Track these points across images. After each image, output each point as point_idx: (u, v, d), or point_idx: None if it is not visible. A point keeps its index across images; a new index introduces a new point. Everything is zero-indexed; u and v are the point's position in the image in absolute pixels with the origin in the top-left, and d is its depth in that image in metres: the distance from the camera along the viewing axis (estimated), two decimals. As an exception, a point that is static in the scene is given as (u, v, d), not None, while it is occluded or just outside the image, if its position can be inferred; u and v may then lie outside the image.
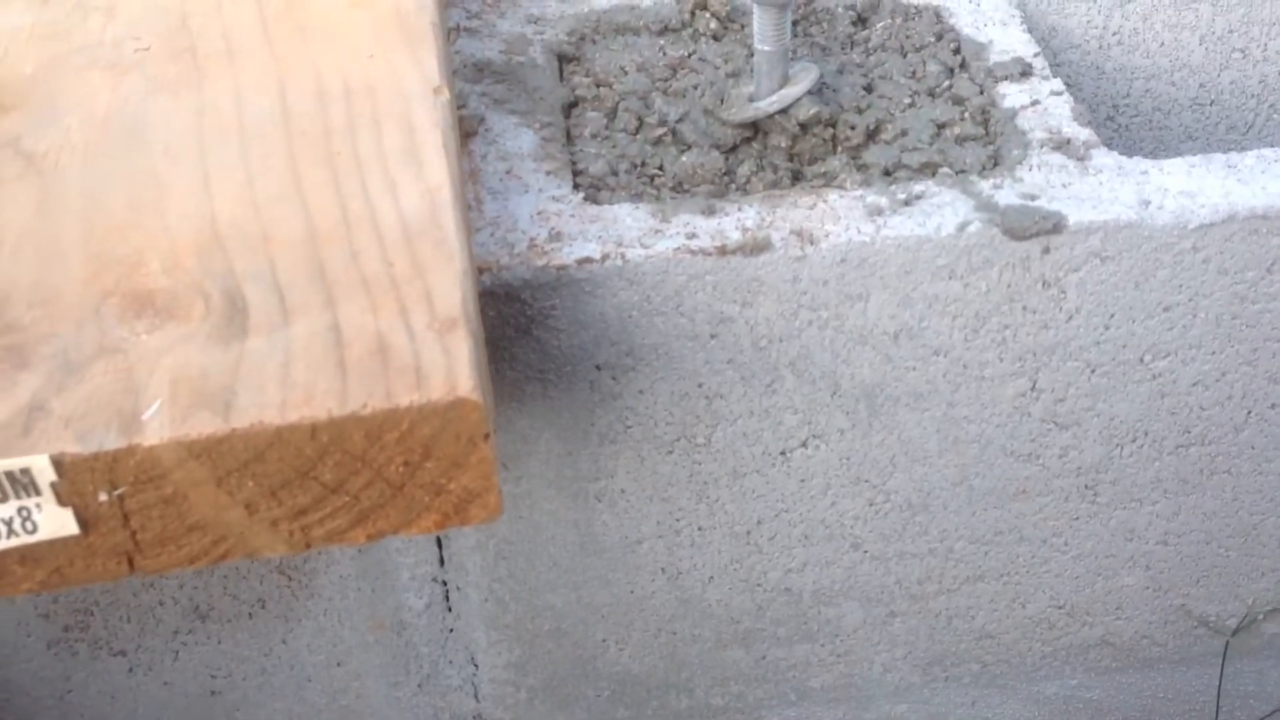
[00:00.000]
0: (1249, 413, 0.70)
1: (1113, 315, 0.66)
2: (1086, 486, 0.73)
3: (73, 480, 0.47)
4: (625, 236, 0.64)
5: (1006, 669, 0.80)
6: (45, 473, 0.46)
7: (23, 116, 0.62)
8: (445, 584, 0.73)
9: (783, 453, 0.69)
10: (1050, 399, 0.68)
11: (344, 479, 0.49)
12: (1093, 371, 0.68)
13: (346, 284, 0.53)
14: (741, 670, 0.78)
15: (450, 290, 0.52)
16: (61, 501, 0.47)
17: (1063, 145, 0.68)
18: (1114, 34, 0.81)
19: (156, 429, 0.47)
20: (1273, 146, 0.86)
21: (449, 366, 0.49)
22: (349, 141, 0.60)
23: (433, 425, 0.48)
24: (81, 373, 0.49)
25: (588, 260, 0.63)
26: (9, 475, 0.46)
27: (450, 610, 0.75)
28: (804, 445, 0.69)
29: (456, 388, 0.48)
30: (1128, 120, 0.85)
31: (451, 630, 0.75)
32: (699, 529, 0.72)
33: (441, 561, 0.73)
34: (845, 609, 0.77)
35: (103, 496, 0.47)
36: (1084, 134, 0.69)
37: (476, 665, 0.77)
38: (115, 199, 0.57)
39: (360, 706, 0.78)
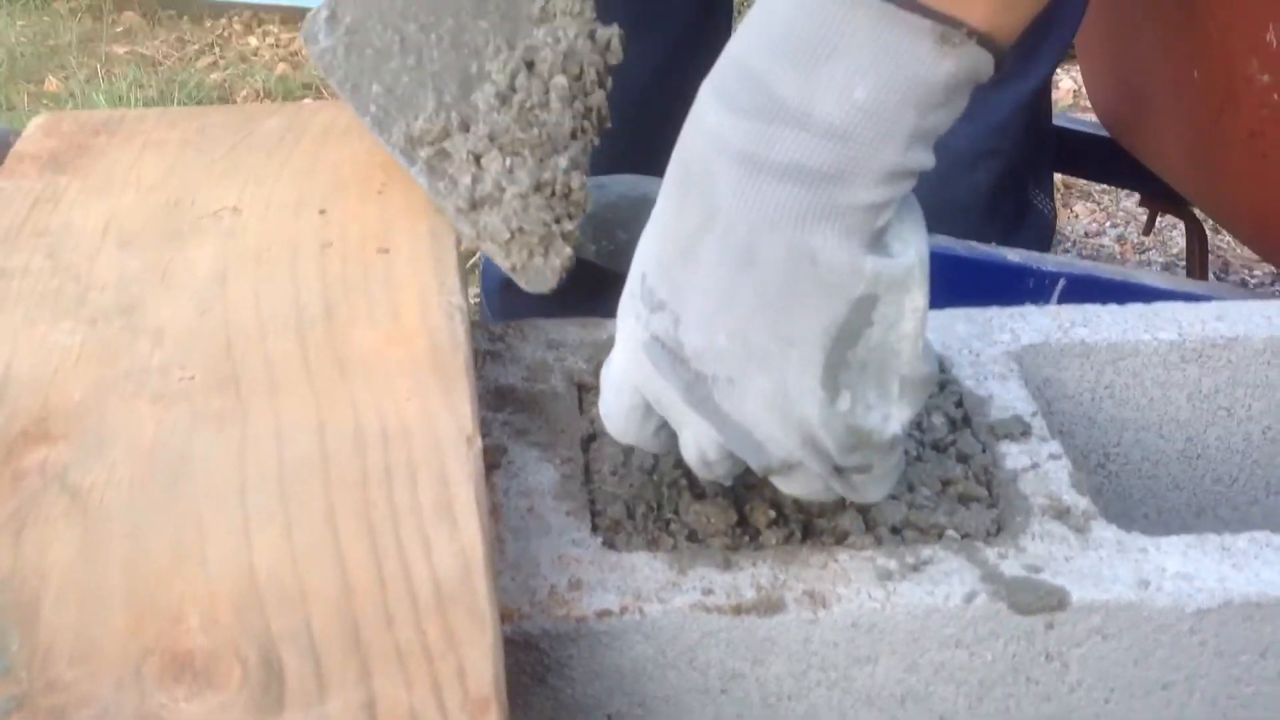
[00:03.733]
0: (1242, 788, 0.71)
1: (1113, 690, 0.68)
2: (1080, 846, 0.73)
3: None
4: (643, 589, 0.66)
5: None
6: None
7: (70, 447, 0.64)
8: None
9: (784, 804, 0.70)
10: (1049, 765, 0.70)
11: None
12: (1091, 741, 0.69)
13: (380, 653, 0.54)
14: None
15: (483, 666, 0.54)
16: None
17: (1063, 514, 0.71)
18: (1106, 388, 0.86)
19: (192, 810, 0.48)
20: (1256, 501, 0.90)
21: (482, 754, 0.50)
22: (385, 491, 0.62)
23: (463, 815, 0.49)
24: (119, 743, 0.50)
25: (607, 613, 0.65)
26: None
27: None
28: (806, 798, 0.70)
29: (489, 779, 0.49)
30: (1118, 468, 0.88)
31: None
32: None
33: None
34: None
35: None
36: (1083, 503, 0.72)
37: None
38: (158, 543, 0.59)
39: None
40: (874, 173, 0.57)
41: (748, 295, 0.59)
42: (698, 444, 0.65)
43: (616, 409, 0.67)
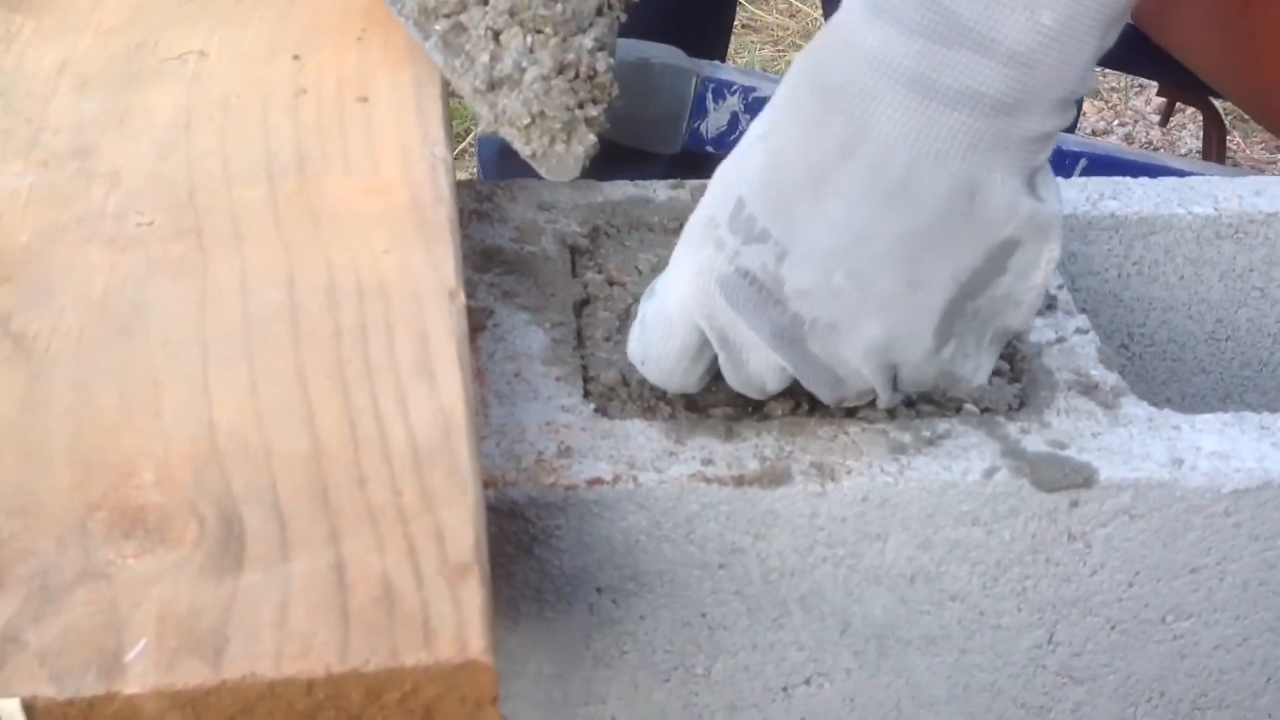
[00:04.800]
0: (1269, 679, 0.67)
1: (1138, 573, 0.63)
2: (1095, 740, 0.69)
3: (41, 729, 0.43)
4: (638, 457, 0.61)
5: None
6: (14, 717, 0.42)
7: (14, 291, 0.59)
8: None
9: (784, 689, 0.66)
10: (1067, 652, 0.66)
11: (336, 738, 0.45)
12: (1112, 628, 0.65)
13: (352, 514, 0.49)
14: None
15: (463, 529, 0.49)
16: (25, 750, 0.43)
17: (1090, 390, 0.66)
18: (1134, 264, 0.80)
19: (139, 674, 0.43)
20: (1286, 386, 0.85)
21: (459, 621, 0.46)
22: (359, 347, 0.57)
23: (438, 686, 0.45)
24: (61, 601, 0.45)
25: (598, 481, 0.60)
26: (-28, 721, 0.42)
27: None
28: (807, 683, 0.66)
29: (467, 648, 0.45)
30: (1142, 349, 0.83)
31: None
32: (688, 761, 0.68)
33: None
34: None
35: (71, 746, 0.43)
36: (1111, 379, 0.67)
37: None
38: (108, 395, 0.54)
39: None
40: (1050, 101, 0.52)
41: (888, 232, 0.54)
42: (761, 378, 0.59)
43: (666, 349, 0.60)
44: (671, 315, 0.60)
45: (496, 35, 0.72)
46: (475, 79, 0.72)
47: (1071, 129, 1.39)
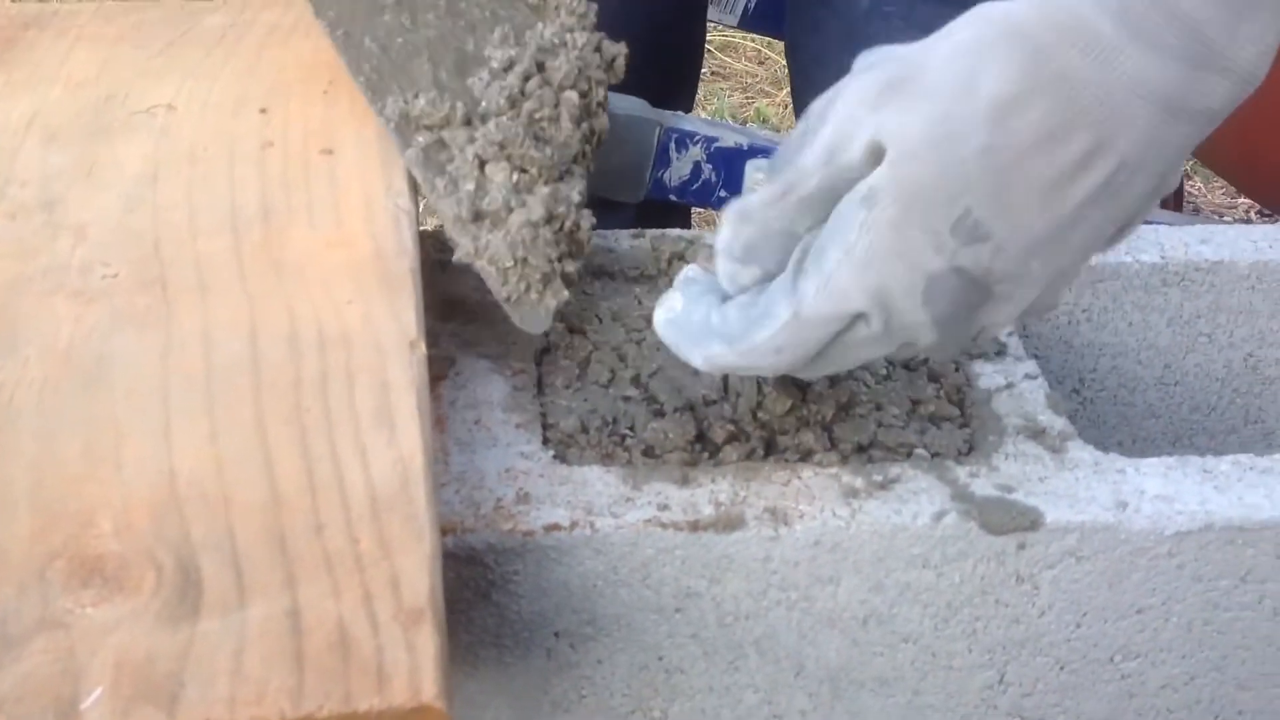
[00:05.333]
0: (1215, 717, 0.68)
1: (1085, 614, 0.65)
2: (1048, 779, 0.70)
3: (-3, 777, 0.43)
4: (595, 503, 0.63)
5: None
6: (-31, 766, 0.43)
7: (-21, 343, 0.60)
8: None
9: (741, 732, 0.67)
10: (1017, 693, 0.67)
11: (290, 783, 0.46)
12: (1062, 668, 0.66)
13: (309, 561, 0.50)
14: None
15: (418, 576, 0.50)
16: (-19, 798, 0.44)
17: (1038, 434, 0.68)
18: (1084, 311, 0.82)
19: (95, 722, 0.44)
20: (1234, 430, 0.87)
21: (413, 666, 0.47)
22: (320, 397, 0.58)
23: (391, 731, 0.46)
24: (20, 649, 0.46)
25: (556, 527, 0.61)
26: (-71, 769, 0.43)
27: None
28: (763, 725, 0.67)
29: (420, 693, 0.46)
30: (1093, 394, 0.85)
31: None
32: (648, 803, 0.69)
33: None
34: None
35: (26, 794, 0.44)
36: (1059, 424, 0.68)
37: None
38: (71, 445, 0.55)
39: None
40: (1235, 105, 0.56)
41: (1091, 226, 0.56)
42: (861, 359, 0.60)
43: (814, 330, 0.58)
44: (850, 292, 0.57)
45: (483, 165, 0.71)
46: (459, 205, 0.70)
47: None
